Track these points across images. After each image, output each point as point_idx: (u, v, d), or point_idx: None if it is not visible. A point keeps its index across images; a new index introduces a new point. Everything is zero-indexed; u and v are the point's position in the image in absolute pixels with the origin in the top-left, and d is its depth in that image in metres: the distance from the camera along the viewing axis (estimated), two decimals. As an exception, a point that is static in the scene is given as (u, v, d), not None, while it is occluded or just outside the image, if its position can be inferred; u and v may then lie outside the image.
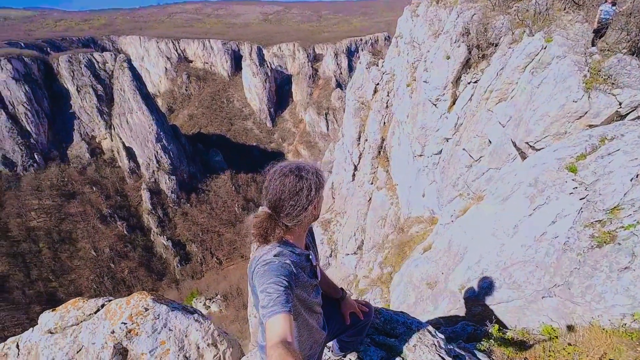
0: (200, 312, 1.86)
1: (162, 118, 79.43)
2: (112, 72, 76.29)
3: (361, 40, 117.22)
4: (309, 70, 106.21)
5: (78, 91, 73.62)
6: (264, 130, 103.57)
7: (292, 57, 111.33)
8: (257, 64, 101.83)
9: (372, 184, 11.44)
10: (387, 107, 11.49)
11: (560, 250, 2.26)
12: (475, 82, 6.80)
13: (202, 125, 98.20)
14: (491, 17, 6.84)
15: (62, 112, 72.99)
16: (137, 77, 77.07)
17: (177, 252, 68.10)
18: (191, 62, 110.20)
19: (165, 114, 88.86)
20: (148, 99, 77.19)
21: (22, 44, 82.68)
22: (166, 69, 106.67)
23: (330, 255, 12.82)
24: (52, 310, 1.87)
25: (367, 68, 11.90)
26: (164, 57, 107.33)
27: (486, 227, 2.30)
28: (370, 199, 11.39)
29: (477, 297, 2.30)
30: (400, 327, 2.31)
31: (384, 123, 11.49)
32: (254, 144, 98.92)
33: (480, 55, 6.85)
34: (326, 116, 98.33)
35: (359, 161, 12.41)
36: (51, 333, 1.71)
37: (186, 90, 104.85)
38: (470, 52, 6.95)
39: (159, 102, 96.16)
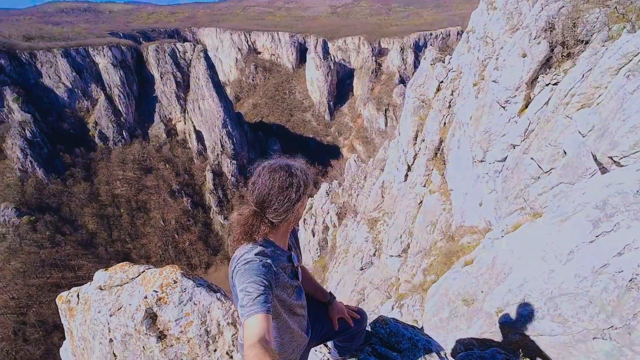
0: (224, 291, 1.99)
1: (229, 105, 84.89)
2: (190, 61, 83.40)
3: (431, 34, 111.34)
4: (372, 64, 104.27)
5: (161, 77, 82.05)
6: (322, 123, 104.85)
7: (357, 51, 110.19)
8: (321, 57, 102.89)
9: (424, 186, 10.92)
10: (449, 106, 10.80)
11: (624, 287, 1.91)
12: (555, 84, 6.05)
13: (264, 115, 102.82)
14: (584, 10, 5.98)
15: (147, 96, 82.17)
16: (210, 67, 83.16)
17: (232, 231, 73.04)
18: (259, 53, 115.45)
19: (232, 101, 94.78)
20: (218, 87, 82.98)
21: (121, 34, 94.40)
22: (237, 59, 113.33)
23: (374, 255, 12.63)
24: (105, 270, 2.17)
25: (431, 64, 11.26)
26: (236, 48, 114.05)
27: (536, 249, 2.02)
28: (421, 202, 10.90)
29: (515, 324, 2.05)
30: (405, 342, 2.19)
31: (444, 124, 10.83)
32: (311, 136, 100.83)
33: (565, 54, 6.06)
34: (385, 113, 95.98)
35: (413, 162, 11.90)
36: (101, 289, 1.99)
37: (252, 80, 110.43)
38: (552, 50, 6.18)
39: (228, 90, 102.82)
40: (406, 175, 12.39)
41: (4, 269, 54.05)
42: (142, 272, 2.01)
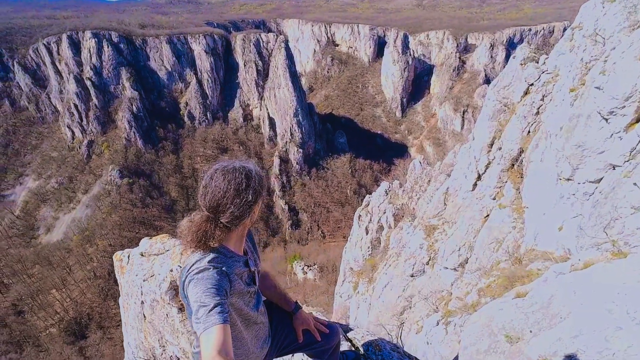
0: None
1: (302, 96, 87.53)
2: (272, 51, 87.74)
3: (529, 30, 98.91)
4: (455, 61, 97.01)
5: (244, 65, 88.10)
6: (392, 119, 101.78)
7: (439, 46, 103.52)
8: (400, 51, 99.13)
9: (494, 199, 9.93)
10: (537, 113, 9.59)
11: None
12: (684, 96, 4.92)
13: (335, 107, 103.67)
14: None
15: (230, 81, 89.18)
16: (289, 57, 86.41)
17: (291, 217, 76.10)
18: (337, 45, 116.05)
19: (306, 92, 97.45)
20: (294, 77, 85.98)
21: (215, 24, 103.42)
22: (314, 50, 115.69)
23: (427, 264, 12.01)
24: (149, 238, 2.43)
25: (521, 64, 10.05)
26: (315, 40, 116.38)
27: (605, 297, 1.63)
28: (487, 215, 9.95)
29: (558, 381, 1.71)
30: (396, 376, 1.98)
31: (528, 132, 9.67)
32: (379, 132, 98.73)
33: None
34: (463, 114, 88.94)
35: (485, 171, 10.88)
36: (142, 255, 2.24)
37: (327, 72, 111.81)
38: (686, 53, 5.02)
39: (303, 80, 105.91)
40: (474, 185, 11.39)
41: (106, 220, 64.92)
42: (175, 245, 2.21)
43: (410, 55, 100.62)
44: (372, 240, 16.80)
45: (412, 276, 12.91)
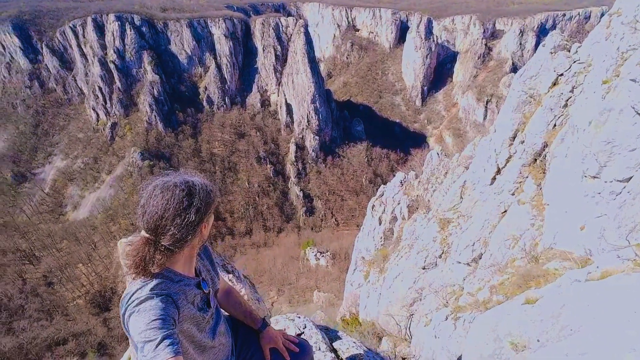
0: (238, 274, 2.05)
1: (320, 82, 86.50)
2: (291, 35, 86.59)
3: (564, 15, 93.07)
4: (480, 48, 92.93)
5: (263, 50, 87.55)
6: (411, 108, 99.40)
7: (465, 32, 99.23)
8: (423, 37, 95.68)
9: (513, 194, 9.64)
10: (565, 106, 9.12)
11: None
12: None
13: (353, 94, 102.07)
14: None
15: (249, 66, 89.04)
16: (308, 42, 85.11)
17: (305, 203, 76.65)
18: (358, 30, 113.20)
19: (324, 78, 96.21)
20: (313, 62, 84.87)
21: (235, 7, 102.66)
22: (334, 35, 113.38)
23: (440, 257, 11.88)
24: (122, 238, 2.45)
25: (551, 52, 9.49)
26: (335, 24, 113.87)
27: (620, 313, 1.51)
28: (505, 211, 9.70)
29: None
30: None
31: (554, 125, 9.23)
32: (398, 120, 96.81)
33: None
34: (487, 104, 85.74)
35: (505, 165, 10.54)
36: None
37: (347, 58, 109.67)
38: None
39: (321, 66, 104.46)
40: (493, 179, 11.05)
41: (128, 200, 67.42)
42: None
43: (433, 41, 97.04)
44: (385, 230, 16.72)
45: (423, 269, 12.81)
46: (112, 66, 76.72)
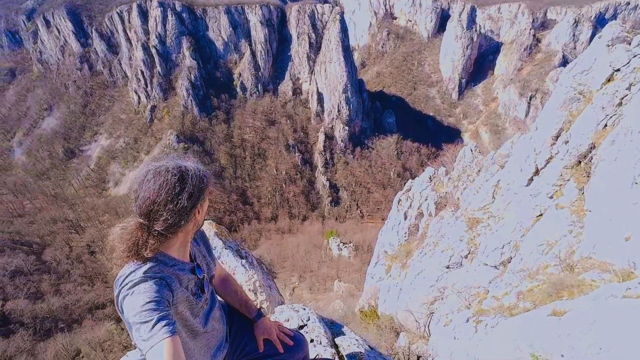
0: (252, 260, 2.08)
1: (353, 71, 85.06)
2: (326, 23, 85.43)
3: (627, 4, 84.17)
4: (527, 39, 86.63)
5: (297, 37, 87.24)
6: (447, 101, 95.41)
7: (511, 22, 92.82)
8: (464, 26, 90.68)
9: (551, 198, 9.09)
10: (619, 104, 8.40)
11: None
12: None
13: (386, 85, 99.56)
14: None
15: (282, 54, 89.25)
16: (344, 30, 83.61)
17: (331, 193, 76.81)
18: (395, 18, 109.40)
19: (357, 67, 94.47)
20: (347, 51, 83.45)
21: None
22: (370, 23, 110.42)
23: (466, 257, 11.53)
24: None
25: (608, 45, 8.69)
26: (372, 12, 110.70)
27: None
28: (541, 215, 9.18)
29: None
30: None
31: (605, 126, 8.55)
32: (431, 114, 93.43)
33: None
34: (530, 100, 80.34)
35: (545, 165, 9.94)
36: None
37: (382, 47, 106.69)
38: None
39: (355, 55, 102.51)
40: (530, 180, 10.46)
41: (163, 180, 71.03)
42: None
43: (475, 31, 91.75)
44: (409, 226, 16.41)
45: (447, 268, 12.48)
46: (153, 51, 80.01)
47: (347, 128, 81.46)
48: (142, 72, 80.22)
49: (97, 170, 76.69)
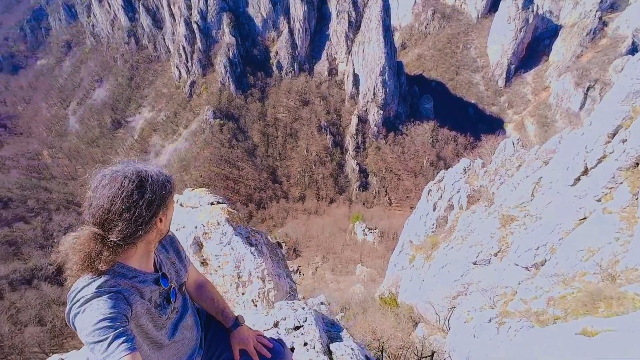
0: (261, 248, 2.07)
1: (392, 53, 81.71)
2: (367, 1, 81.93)
3: None
4: (592, 22, 77.76)
5: (337, 15, 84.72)
6: (491, 88, 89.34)
7: (575, 1, 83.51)
8: (520, 6, 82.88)
9: (599, 201, 8.42)
10: (696, 101, 7.43)
11: None
12: None
13: (427, 68, 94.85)
14: None
15: (321, 33, 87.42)
16: (386, 8, 79.86)
17: (360, 178, 76.21)
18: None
19: (397, 49, 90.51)
20: (387, 31, 79.95)
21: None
22: (415, 1, 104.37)
23: (495, 255, 11.11)
24: (191, 189, 2.61)
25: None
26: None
27: None
28: (584, 218, 8.56)
29: None
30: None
31: (675, 125, 7.62)
32: (473, 101, 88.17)
33: None
34: (587, 90, 73.06)
35: (596, 165, 9.17)
36: (181, 205, 2.44)
37: (425, 27, 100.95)
38: None
39: (396, 36, 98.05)
40: (577, 180, 9.70)
41: (200, 154, 74.08)
42: (211, 203, 2.34)
43: (532, 11, 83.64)
44: (438, 217, 15.97)
45: (474, 264, 12.08)
46: (195, 26, 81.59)
47: (381, 112, 79.31)
48: (183, 48, 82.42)
49: (139, 141, 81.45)
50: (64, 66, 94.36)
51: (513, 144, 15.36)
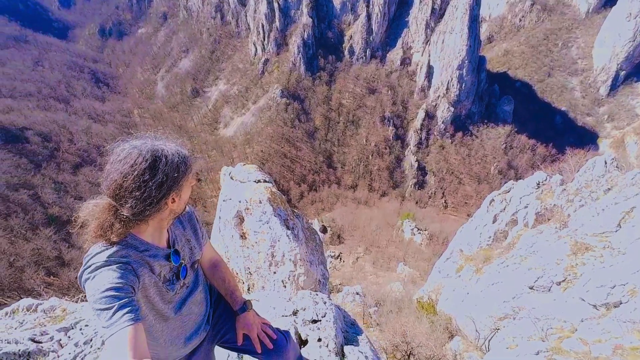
0: (297, 233, 2.06)
1: (475, 46, 75.02)
2: (457, -14, 75.56)
3: None
4: None
5: (420, 1, 79.90)
6: (590, 96, 77.49)
7: None
8: (647, 0, 69.25)
9: None
10: None
11: None
12: None
13: (513, 66, 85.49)
14: None
15: (399, 19, 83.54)
16: (477, -4, 73.03)
17: (417, 176, 73.15)
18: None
19: (482, 42, 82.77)
20: (474, 22, 73.33)
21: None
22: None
23: (558, 284, 10.14)
24: (242, 164, 2.69)
25: None
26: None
27: None
28: (684, 264, 7.24)
29: None
30: None
31: None
32: (563, 108, 77.62)
33: None
34: None
35: None
36: (231, 178, 2.53)
37: (520, 20, 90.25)
38: None
39: (483, 27, 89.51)
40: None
41: (264, 130, 77.64)
42: (258, 181, 2.39)
43: (663, 8, 69.38)
44: (497, 231, 14.73)
45: (530, 288, 11.00)
46: (275, 5, 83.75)
47: (452, 109, 74.16)
48: (262, 26, 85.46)
49: (212, 111, 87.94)
50: (159, 35, 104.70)
51: (605, 162, 13.29)
